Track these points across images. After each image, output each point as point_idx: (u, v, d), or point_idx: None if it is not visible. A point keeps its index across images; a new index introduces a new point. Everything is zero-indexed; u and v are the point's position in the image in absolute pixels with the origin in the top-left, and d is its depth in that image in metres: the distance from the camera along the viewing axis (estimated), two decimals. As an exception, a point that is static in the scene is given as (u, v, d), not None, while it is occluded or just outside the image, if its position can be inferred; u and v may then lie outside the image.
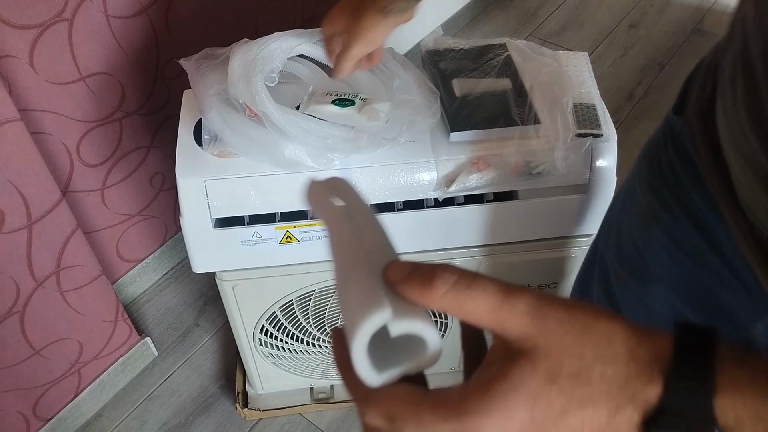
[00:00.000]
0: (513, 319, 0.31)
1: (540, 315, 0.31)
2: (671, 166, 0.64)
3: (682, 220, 0.64)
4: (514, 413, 0.30)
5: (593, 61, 1.02)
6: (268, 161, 0.87)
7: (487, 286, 0.31)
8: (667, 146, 0.66)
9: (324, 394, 1.37)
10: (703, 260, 0.63)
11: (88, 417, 1.41)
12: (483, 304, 0.31)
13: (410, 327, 0.32)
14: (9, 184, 1.00)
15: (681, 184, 0.63)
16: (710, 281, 0.64)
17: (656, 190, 0.67)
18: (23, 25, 1.04)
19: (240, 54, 0.87)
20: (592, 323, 0.31)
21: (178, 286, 1.63)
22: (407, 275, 0.32)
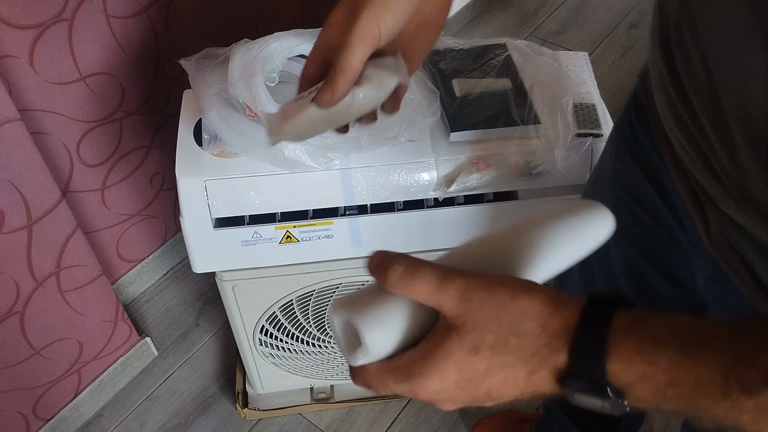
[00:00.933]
0: (447, 301, 0.39)
1: (466, 297, 0.38)
2: (630, 125, 0.69)
3: (640, 177, 0.68)
4: (448, 375, 0.38)
5: (593, 61, 1.02)
6: (268, 161, 0.87)
7: (426, 274, 0.39)
8: (630, 109, 0.70)
9: (324, 394, 1.37)
10: (659, 216, 0.67)
11: (88, 417, 1.41)
12: (424, 288, 0.39)
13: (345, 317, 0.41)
14: (9, 184, 1.00)
15: (638, 140, 0.67)
16: (664, 236, 0.68)
17: (619, 151, 0.72)
18: (23, 25, 1.04)
19: (240, 54, 0.87)
20: (510, 302, 0.38)
21: (178, 286, 1.63)
22: (376, 265, 0.41)
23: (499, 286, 0.39)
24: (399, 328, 0.41)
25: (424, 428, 1.39)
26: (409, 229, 0.96)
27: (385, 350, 0.41)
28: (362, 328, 0.40)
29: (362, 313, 0.41)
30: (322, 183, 0.90)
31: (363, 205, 0.94)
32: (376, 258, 0.42)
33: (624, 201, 0.70)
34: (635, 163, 0.68)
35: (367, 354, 0.40)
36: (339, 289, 1.06)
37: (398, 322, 0.41)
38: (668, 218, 0.66)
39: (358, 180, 0.90)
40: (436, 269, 0.39)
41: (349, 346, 0.42)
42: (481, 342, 0.38)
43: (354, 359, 0.41)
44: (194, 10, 1.29)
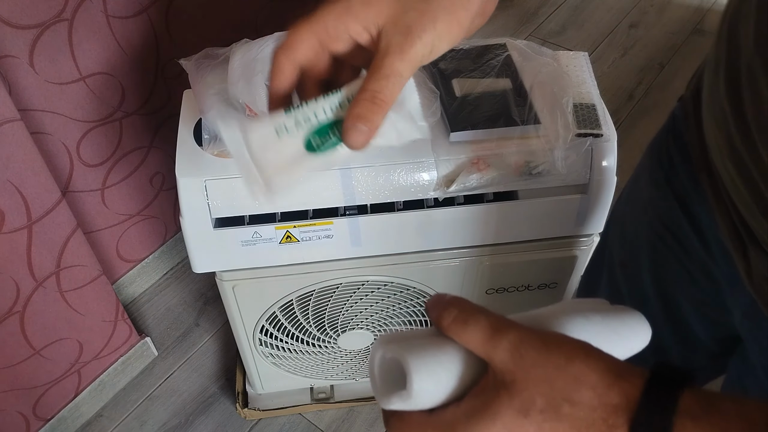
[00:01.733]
0: (497, 354, 0.36)
1: (519, 354, 0.36)
2: (667, 150, 0.67)
3: (673, 205, 0.66)
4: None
5: (593, 61, 1.02)
6: None
7: (480, 321, 0.37)
8: (668, 133, 0.68)
9: (324, 394, 1.37)
10: (690, 247, 0.65)
11: (88, 417, 1.41)
12: (475, 338, 0.37)
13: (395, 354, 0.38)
14: (9, 184, 1.00)
15: (674, 166, 0.65)
16: (697, 270, 0.66)
17: (655, 176, 0.69)
18: (23, 25, 1.04)
19: (240, 54, 0.87)
20: (565, 365, 0.35)
21: (178, 286, 1.63)
22: (433, 305, 0.40)
23: (555, 346, 0.36)
24: (447, 379, 0.38)
25: (424, 428, 1.39)
26: (409, 229, 0.96)
27: (427, 400, 0.38)
28: (412, 370, 0.37)
29: (414, 355, 0.38)
30: (322, 183, 0.90)
31: (363, 205, 0.94)
32: (434, 299, 0.40)
33: (657, 229, 0.69)
34: (670, 190, 0.66)
35: (408, 400, 0.37)
36: (339, 289, 1.06)
37: (448, 372, 0.38)
38: (700, 253, 0.63)
39: (358, 180, 0.90)
40: (490, 318, 0.38)
41: (385, 388, 0.39)
42: (531, 404, 0.35)
43: (388, 402, 0.38)
44: (194, 11, 1.29)
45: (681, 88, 0.67)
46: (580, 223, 1.00)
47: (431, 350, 0.38)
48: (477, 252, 1.03)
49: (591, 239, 1.04)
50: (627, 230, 0.77)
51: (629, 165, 0.83)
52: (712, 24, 2.37)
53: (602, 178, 0.93)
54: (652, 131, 0.78)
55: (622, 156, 0.97)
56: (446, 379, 0.38)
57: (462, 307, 0.39)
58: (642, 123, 2.00)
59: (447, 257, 1.03)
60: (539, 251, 1.04)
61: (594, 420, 0.34)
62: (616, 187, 0.95)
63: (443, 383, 0.38)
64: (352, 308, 1.11)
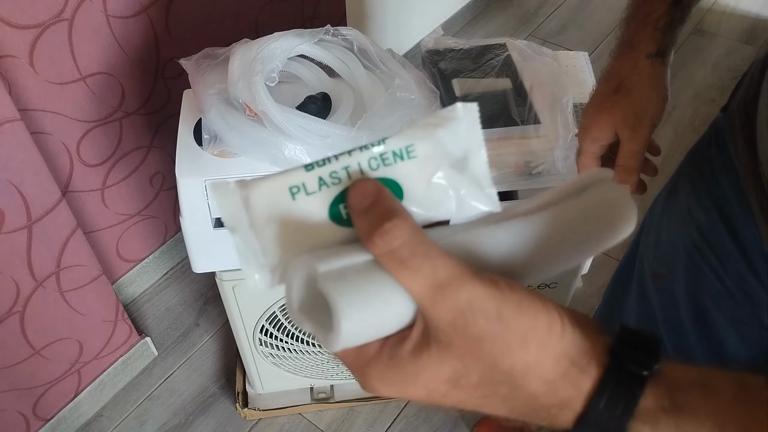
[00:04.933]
0: (437, 311, 0.29)
1: (464, 321, 0.29)
2: (710, 162, 0.66)
3: (714, 218, 0.64)
4: (411, 392, 0.31)
5: (593, 61, 1.02)
6: (268, 160, 0.87)
7: (422, 271, 0.29)
8: (710, 144, 0.67)
9: (324, 394, 1.37)
10: (729, 262, 0.63)
11: (88, 417, 1.41)
12: (415, 285, 0.29)
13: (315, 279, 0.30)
14: (9, 184, 1.00)
15: (717, 179, 0.64)
16: (734, 286, 0.64)
17: (696, 187, 0.68)
18: (23, 25, 1.04)
19: (240, 54, 0.87)
20: (517, 346, 0.29)
21: (178, 286, 1.63)
22: (366, 208, 0.30)
23: (512, 319, 0.29)
24: (378, 324, 0.30)
25: (424, 428, 1.39)
26: (409, 229, 0.96)
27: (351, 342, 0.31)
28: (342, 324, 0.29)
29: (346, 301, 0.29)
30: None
31: (363, 205, 0.94)
32: (366, 196, 0.30)
33: (696, 240, 0.67)
34: (712, 203, 0.65)
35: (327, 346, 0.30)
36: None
37: (381, 316, 0.30)
38: (740, 267, 0.62)
39: (358, 180, 0.90)
40: (441, 268, 0.29)
41: (303, 305, 0.32)
42: (464, 377, 0.30)
43: (301, 324, 0.32)
44: (194, 10, 1.29)
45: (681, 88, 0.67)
46: (580, 223, 0.99)
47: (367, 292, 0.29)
48: (477, 252, 1.03)
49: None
50: (662, 240, 0.75)
51: (629, 165, 0.83)
52: (711, 24, 2.37)
53: (602, 178, 0.93)
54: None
55: (622, 156, 0.97)
56: (377, 324, 0.30)
57: (406, 239, 0.29)
58: (642, 123, 2.00)
59: (447, 257, 1.03)
60: (539, 251, 1.04)
61: (535, 407, 0.30)
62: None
63: (371, 331, 0.31)
64: (352, 308, 1.11)
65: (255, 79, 0.83)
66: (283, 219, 0.30)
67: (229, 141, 0.87)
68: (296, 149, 0.85)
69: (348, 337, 0.29)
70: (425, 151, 0.31)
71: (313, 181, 0.30)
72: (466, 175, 0.32)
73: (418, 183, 0.32)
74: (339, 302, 0.28)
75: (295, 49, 0.90)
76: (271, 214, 0.30)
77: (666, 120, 1.98)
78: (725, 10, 2.42)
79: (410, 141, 0.31)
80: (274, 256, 0.31)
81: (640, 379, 0.29)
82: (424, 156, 0.31)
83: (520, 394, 0.30)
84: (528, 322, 0.30)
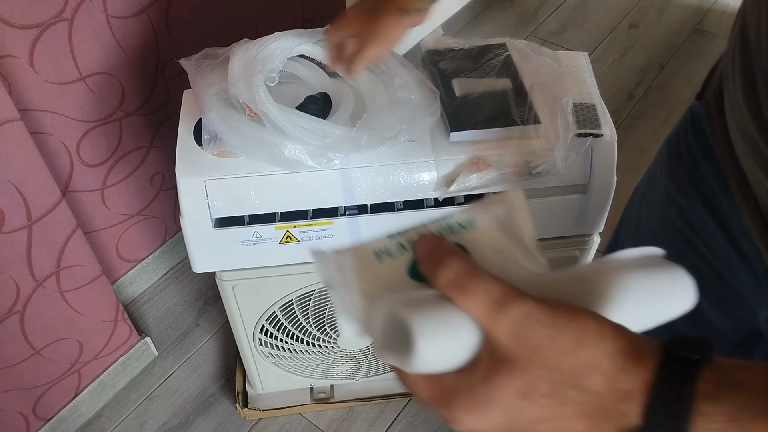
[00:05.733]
0: (498, 329, 0.33)
1: (523, 332, 0.32)
2: (689, 149, 0.66)
3: (697, 203, 0.65)
4: (491, 416, 0.33)
5: (593, 61, 1.02)
6: (268, 161, 0.87)
7: (479, 292, 0.33)
8: (687, 131, 0.67)
9: (324, 394, 1.37)
10: (715, 245, 0.64)
11: (88, 417, 1.41)
12: (475, 308, 0.33)
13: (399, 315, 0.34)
14: (9, 184, 1.00)
15: (697, 165, 0.65)
16: (722, 267, 0.65)
17: (675, 174, 0.69)
18: (23, 25, 1.04)
19: (240, 54, 0.87)
20: (573, 349, 0.32)
21: (178, 286, 1.63)
22: (427, 254, 0.35)
23: (564, 324, 0.32)
24: (452, 349, 0.34)
25: (424, 428, 1.39)
26: (409, 229, 0.96)
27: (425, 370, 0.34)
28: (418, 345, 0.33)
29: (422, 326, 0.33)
30: (322, 183, 0.90)
31: (363, 205, 0.94)
32: (428, 246, 0.36)
33: (678, 226, 0.68)
34: (693, 189, 0.66)
35: (406, 368, 0.34)
36: (339, 289, 1.06)
37: (454, 341, 0.34)
38: (726, 249, 0.63)
39: (358, 180, 0.90)
40: (493, 288, 0.33)
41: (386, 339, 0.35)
42: (534, 389, 0.32)
43: (385, 357, 0.35)
44: (194, 10, 1.29)
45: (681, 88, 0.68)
46: (580, 223, 1.00)
47: (438, 319, 0.34)
48: (477, 252, 1.03)
49: (591, 239, 1.04)
50: (642, 229, 0.76)
51: (629, 165, 0.83)
52: (712, 24, 2.37)
53: (602, 178, 0.93)
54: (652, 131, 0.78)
55: (622, 156, 0.97)
56: (451, 350, 0.34)
57: (461, 268, 0.34)
58: (642, 123, 2.00)
59: (447, 257, 1.03)
60: (539, 251, 1.04)
61: (603, 406, 0.32)
62: (616, 187, 0.95)
63: (446, 356, 0.34)
64: (352, 308, 1.10)
65: (255, 79, 0.83)
66: (370, 277, 0.37)
67: (229, 141, 0.87)
68: (296, 149, 0.85)
69: (424, 356, 0.33)
70: (484, 224, 0.39)
71: (395, 246, 0.38)
72: (519, 243, 0.39)
73: (480, 247, 0.38)
74: (414, 324, 0.33)
75: (295, 49, 0.90)
76: (360, 274, 0.37)
77: (666, 120, 1.98)
78: (725, 10, 2.42)
79: (472, 216, 0.40)
80: (362, 309, 0.36)
81: (694, 363, 0.31)
82: (483, 227, 0.39)
83: (588, 396, 0.32)
84: (580, 327, 0.32)
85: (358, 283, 0.36)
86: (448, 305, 0.34)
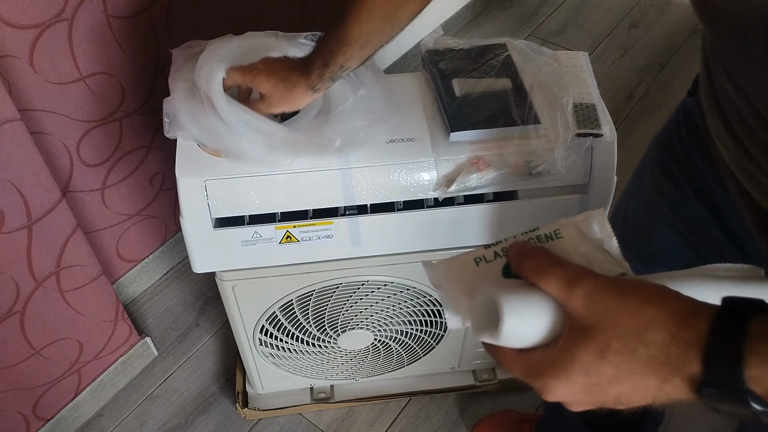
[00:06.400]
0: (572, 302, 0.39)
1: (594, 300, 0.39)
2: (682, 144, 0.67)
3: (689, 195, 0.66)
4: (574, 378, 0.39)
5: (593, 61, 1.02)
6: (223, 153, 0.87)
7: (555, 273, 0.41)
8: (679, 126, 0.68)
9: (324, 394, 1.37)
10: (707, 234, 0.65)
11: (88, 417, 1.41)
12: (553, 286, 0.41)
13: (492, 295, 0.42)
14: (9, 184, 1.00)
15: (691, 159, 0.66)
16: (713, 256, 0.65)
17: (665, 167, 0.69)
18: (23, 25, 1.04)
19: (215, 45, 0.88)
20: (639, 309, 0.38)
21: (178, 286, 1.63)
22: (515, 255, 0.44)
23: (630, 291, 0.39)
24: (534, 325, 0.41)
25: (424, 428, 1.39)
26: (409, 229, 0.96)
27: (513, 341, 0.42)
28: (504, 314, 0.41)
29: (508, 302, 0.41)
30: (322, 183, 0.90)
31: (363, 205, 0.94)
32: (516, 248, 0.44)
33: (670, 219, 0.69)
34: (686, 182, 0.67)
35: (497, 339, 0.42)
36: (339, 289, 1.06)
37: (536, 318, 0.41)
38: (721, 240, 0.64)
39: (358, 180, 0.90)
40: (566, 268, 0.41)
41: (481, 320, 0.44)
42: (607, 347, 0.38)
43: (480, 336, 0.43)
44: (194, 11, 1.29)
45: (681, 88, 0.68)
46: (580, 223, 0.99)
47: (523, 298, 0.42)
48: (477, 252, 1.03)
49: (591, 239, 1.04)
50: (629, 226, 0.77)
51: (629, 165, 0.83)
52: (712, 24, 2.37)
53: (602, 178, 0.93)
54: (652, 131, 0.78)
55: (622, 156, 0.97)
56: (534, 324, 0.41)
57: (540, 258, 0.42)
58: (642, 123, 2.00)
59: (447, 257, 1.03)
60: (539, 251, 1.04)
61: (668, 356, 0.36)
62: (616, 187, 0.95)
63: (530, 329, 0.41)
64: (352, 308, 1.11)
65: (213, 65, 0.83)
66: (469, 279, 0.46)
67: (185, 126, 0.86)
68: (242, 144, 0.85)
69: (510, 326, 0.41)
70: (568, 235, 0.46)
71: (491, 254, 0.47)
72: (602, 251, 0.46)
73: (567, 253, 0.45)
74: (501, 298, 0.41)
75: (271, 49, 0.90)
76: (462, 276, 0.46)
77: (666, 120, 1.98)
78: (725, 10, 2.41)
79: (557, 228, 0.47)
80: (464, 302, 0.46)
81: (746, 311, 0.36)
82: (567, 238, 0.46)
83: (654, 350, 0.37)
84: (644, 292, 0.39)
85: (460, 283, 0.46)
86: (532, 287, 0.42)
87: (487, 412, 1.39)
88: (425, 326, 1.17)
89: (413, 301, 1.10)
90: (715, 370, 0.35)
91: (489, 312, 0.43)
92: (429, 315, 1.14)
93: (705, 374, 0.36)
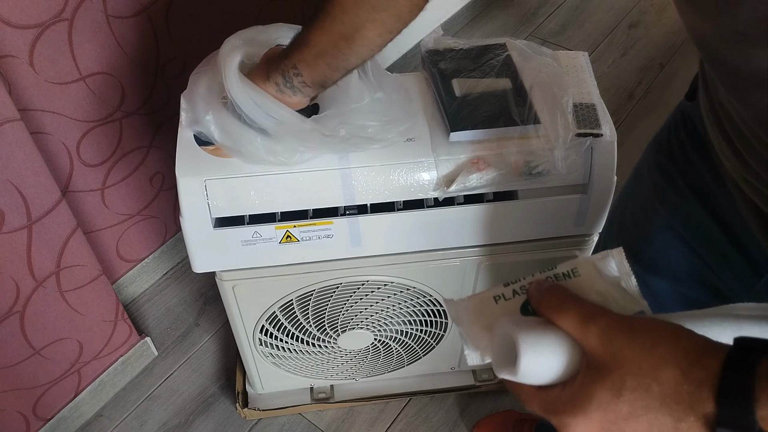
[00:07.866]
0: (588, 339, 0.41)
1: (608, 337, 0.40)
2: (682, 148, 0.67)
3: (690, 198, 0.66)
4: (592, 416, 0.40)
5: (593, 61, 1.02)
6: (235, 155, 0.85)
7: (571, 310, 0.42)
8: (678, 130, 0.68)
9: (324, 394, 1.37)
10: (707, 236, 0.64)
11: (88, 417, 1.41)
12: (569, 323, 0.42)
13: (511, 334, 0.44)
14: (9, 184, 1.00)
15: (692, 163, 0.65)
16: (713, 258, 0.65)
17: (664, 169, 0.69)
18: (23, 25, 1.04)
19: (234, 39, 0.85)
20: (651, 347, 0.39)
21: (178, 286, 1.63)
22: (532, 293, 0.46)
23: (642, 329, 0.40)
24: (552, 363, 0.43)
25: (424, 428, 1.39)
26: (409, 228, 0.97)
27: (531, 378, 0.43)
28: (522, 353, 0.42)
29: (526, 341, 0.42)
30: (322, 183, 0.90)
31: (363, 205, 0.94)
32: (535, 286, 0.46)
33: (668, 222, 0.69)
34: (685, 185, 0.67)
35: (515, 376, 0.43)
36: (339, 289, 1.06)
37: (553, 356, 0.43)
38: (723, 243, 0.64)
39: (358, 180, 0.90)
40: (582, 306, 0.42)
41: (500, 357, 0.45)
42: (622, 384, 0.39)
43: (499, 372, 0.45)
44: (194, 10, 1.29)
45: (681, 88, 0.68)
46: (580, 223, 1.00)
47: (540, 336, 0.43)
48: (477, 252, 1.03)
49: (591, 239, 1.04)
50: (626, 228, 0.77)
51: (629, 165, 0.83)
52: (712, 24, 2.37)
53: (602, 178, 0.93)
54: (652, 131, 0.78)
55: (622, 156, 0.97)
56: (551, 362, 0.42)
57: (558, 296, 0.44)
58: (642, 123, 2.00)
59: (447, 257, 1.03)
60: (539, 251, 1.04)
61: (681, 395, 0.37)
62: (616, 187, 0.95)
63: (547, 366, 0.43)
64: (352, 308, 1.11)
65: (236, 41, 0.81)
66: (489, 316, 0.48)
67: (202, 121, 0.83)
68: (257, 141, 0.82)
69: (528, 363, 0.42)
70: (585, 273, 0.47)
71: (509, 292, 0.48)
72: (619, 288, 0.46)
73: (584, 291, 0.46)
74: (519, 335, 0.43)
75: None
76: (482, 313, 0.48)
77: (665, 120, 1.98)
78: (725, 10, 2.41)
79: (574, 266, 0.48)
80: (483, 339, 0.48)
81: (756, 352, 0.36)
82: (584, 276, 0.47)
83: (667, 388, 0.37)
84: (656, 329, 0.40)
85: (480, 320, 0.48)
86: (550, 325, 0.43)
87: (487, 412, 1.39)
88: (425, 326, 1.17)
89: (413, 301, 1.10)
90: (728, 411, 0.36)
91: (508, 349, 0.44)
92: (429, 315, 1.14)
93: (719, 414, 0.36)
